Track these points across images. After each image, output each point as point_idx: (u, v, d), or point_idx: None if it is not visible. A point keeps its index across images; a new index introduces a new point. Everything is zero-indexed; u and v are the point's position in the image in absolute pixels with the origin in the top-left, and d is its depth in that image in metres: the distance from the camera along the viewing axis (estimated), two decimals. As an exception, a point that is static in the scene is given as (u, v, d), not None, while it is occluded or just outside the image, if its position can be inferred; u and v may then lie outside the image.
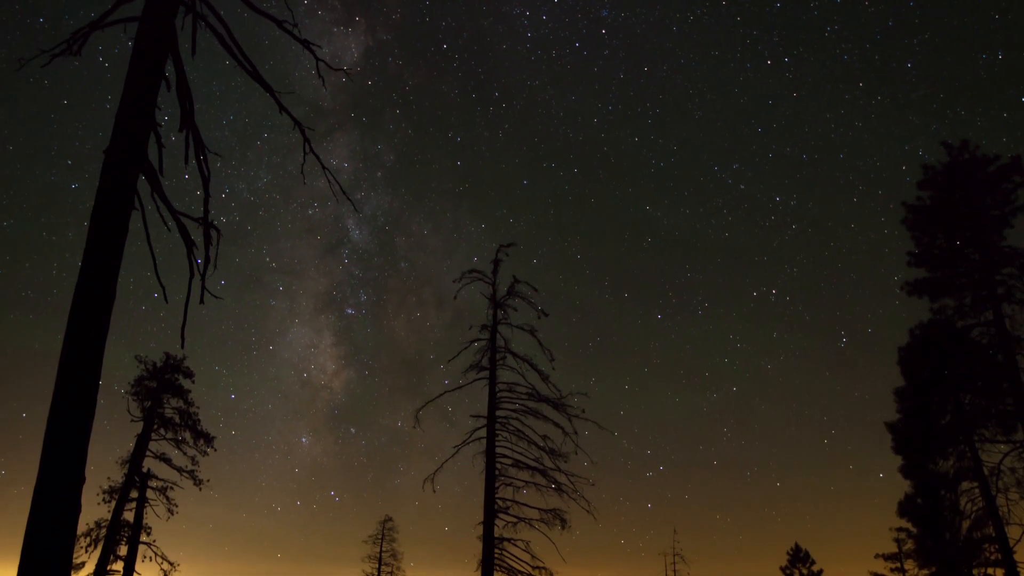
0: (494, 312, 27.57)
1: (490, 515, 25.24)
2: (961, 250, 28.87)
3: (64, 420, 7.91)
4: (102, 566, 31.19)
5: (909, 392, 28.09)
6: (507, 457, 26.19)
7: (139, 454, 33.63)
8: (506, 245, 28.05)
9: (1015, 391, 26.20)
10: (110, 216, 8.81)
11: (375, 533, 56.73)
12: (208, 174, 10.75)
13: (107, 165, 9.06)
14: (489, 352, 27.18)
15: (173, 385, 35.76)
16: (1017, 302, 27.49)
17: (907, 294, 29.52)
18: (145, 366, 35.65)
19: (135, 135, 9.27)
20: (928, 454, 27.17)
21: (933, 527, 26.80)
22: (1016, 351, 26.87)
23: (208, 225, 10.43)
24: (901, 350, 28.80)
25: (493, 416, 26.46)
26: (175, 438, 35.19)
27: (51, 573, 7.45)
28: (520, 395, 26.73)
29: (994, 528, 25.68)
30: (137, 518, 33.20)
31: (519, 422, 26.61)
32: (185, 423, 35.46)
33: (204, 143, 10.70)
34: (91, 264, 8.55)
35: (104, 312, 8.54)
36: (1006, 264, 28.02)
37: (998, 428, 26.79)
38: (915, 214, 30.03)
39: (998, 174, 28.93)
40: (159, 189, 9.91)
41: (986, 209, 28.84)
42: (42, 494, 7.63)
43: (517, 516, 25.61)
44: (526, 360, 26.77)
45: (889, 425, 28.20)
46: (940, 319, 28.67)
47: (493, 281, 27.89)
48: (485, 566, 24.72)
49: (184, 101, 10.45)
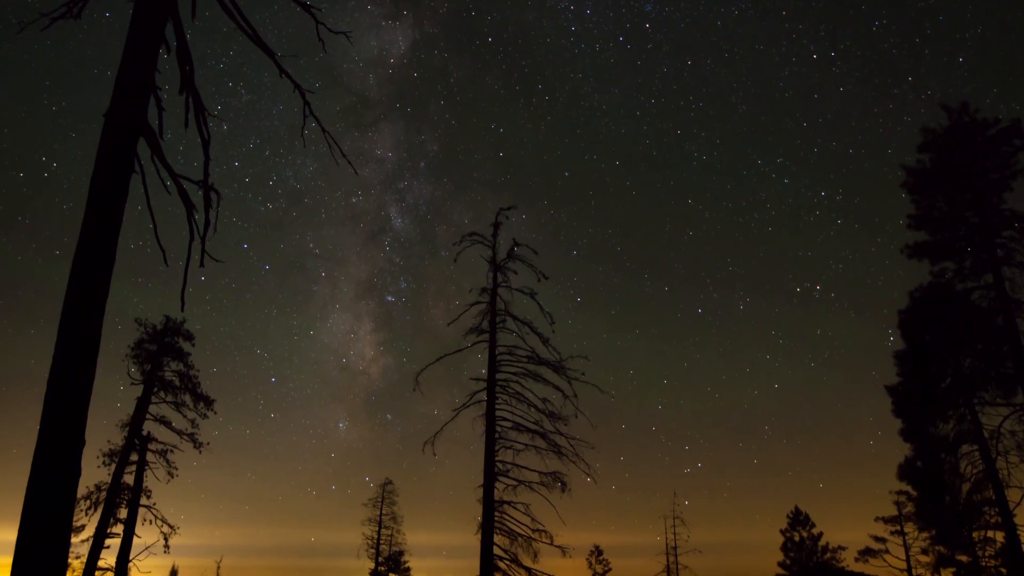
0: (494, 275, 26.88)
1: (490, 478, 24.74)
2: (961, 213, 28.17)
3: (64, 383, 7.75)
4: (102, 529, 30.77)
5: (909, 355, 27.59)
6: (507, 420, 25.64)
7: (139, 417, 33.16)
8: (506, 208, 27.35)
9: (1015, 354, 25.64)
10: (110, 178, 8.65)
11: (375, 496, 56.40)
12: (208, 137, 10.49)
13: (107, 127, 8.87)
14: (489, 315, 26.51)
15: (173, 348, 35.24)
16: (1017, 265, 26.83)
17: (907, 257, 28.90)
18: (145, 329, 35.06)
19: (135, 98, 9.07)
20: (928, 417, 26.70)
21: (933, 490, 26.42)
22: (1016, 314, 26.26)
23: (208, 188, 10.21)
24: (901, 313, 28.23)
25: (493, 379, 25.87)
26: (175, 401, 34.72)
27: (51, 535, 7.32)
28: (520, 358, 26.17)
29: (994, 491, 25.17)
30: (137, 481, 32.74)
31: (519, 385, 26.06)
32: (185, 386, 34.96)
33: (204, 106, 10.43)
34: (91, 226, 8.38)
35: (104, 274, 8.37)
36: (1006, 227, 27.35)
37: (998, 391, 26.23)
38: (915, 177, 29.41)
39: (998, 137, 28.29)
40: (159, 152, 9.66)
41: (986, 172, 28.22)
42: (42, 457, 7.50)
43: (517, 479, 25.10)
44: (526, 323, 26.17)
45: (889, 388, 27.71)
46: (940, 282, 28.04)
47: (493, 244, 27.17)
48: (485, 528, 24.20)
49: (184, 64, 10.22)
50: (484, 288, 26.88)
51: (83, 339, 8.01)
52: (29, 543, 7.27)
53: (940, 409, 26.62)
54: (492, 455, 24.94)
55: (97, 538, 30.49)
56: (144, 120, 9.27)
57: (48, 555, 7.30)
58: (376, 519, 55.52)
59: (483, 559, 23.97)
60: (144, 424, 33.47)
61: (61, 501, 7.47)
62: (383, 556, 55.11)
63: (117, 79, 9.13)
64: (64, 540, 7.56)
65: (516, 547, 24.50)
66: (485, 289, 26.86)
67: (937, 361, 27.21)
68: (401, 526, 56.24)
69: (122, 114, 8.91)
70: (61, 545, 7.49)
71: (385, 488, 56.48)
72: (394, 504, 56.27)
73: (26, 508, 7.31)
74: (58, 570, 7.38)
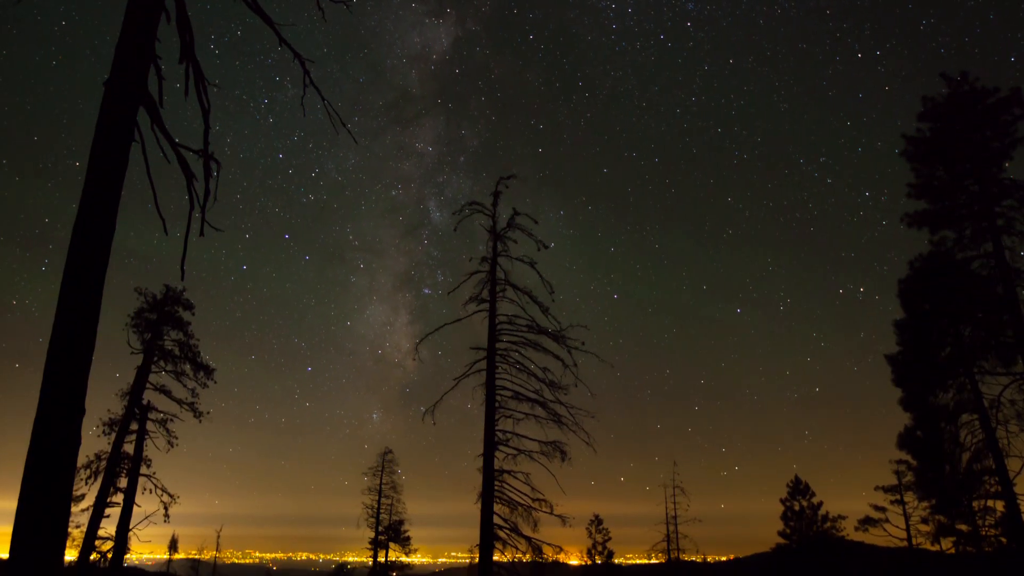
0: (494, 244, 26.27)
1: (490, 447, 24.25)
2: (961, 182, 27.68)
3: (64, 351, 7.63)
4: (102, 498, 30.34)
5: (909, 324, 27.23)
6: (507, 389, 25.09)
7: (139, 386, 32.70)
8: (506, 177, 26.69)
9: (1015, 323, 25.25)
10: (110, 147, 8.47)
11: (375, 465, 55.87)
12: (208, 106, 10.33)
13: (107, 96, 8.71)
14: (489, 284, 25.89)
15: (173, 317, 34.72)
16: (1017, 234, 26.50)
17: (907, 226, 28.49)
18: (145, 298, 34.50)
19: (135, 67, 8.92)
20: (928, 386, 26.28)
21: (933, 460, 26.08)
22: (1016, 283, 25.90)
23: (208, 157, 10.06)
24: (901, 282, 27.84)
25: (493, 348, 25.30)
26: (175, 370, 34.26)
27: (51, 505, 7.21)
28: (520, 327, 25.57)
29: (994, 460, 24.88)
30: (137, 450, 32.30)
31: (519, 354, 25.48)
32: (185, 355, 34.51)
33: (204, 75, 10.26)
34: (91, 195, 8.23)
35: (104, 243, 8.22)
36: (1006, 196, 26.94)
37: (998, 360, 25.89)
38: (915, 146, 29.03)
39: (998, 106, 27.94)
40: (159, 121, 9.52)
41: (986, 141, 27.79)
42: (42, 426, 7.36)
43: (517, 448, 24.57)
44: (526, 292, 25.56)
45: (889, 357, 27.28)
46: (940, 251, 27.64)
47: (493, 213, 26.55)
48: (485, 498, 23.74)
49: (184, 33, 10.02)
50: (484, 257, 26.30)
51: (83, 308, 7.86)
52: (29, 512, 7.15)
53: (940, 378, 26.29)
54: (492, 424, 24.45)
55: (97, 507, 30.05)
56: (144, 89, 9.12)
57: (48, 524, 7.19)
58: (376, 488, 55.05)
59: (483, 528, 23.53)
60: (144, 393, 32.98)
61: (61, 470, 7.35)
62: (383, 525, 54.69)
63: (117, 48, 8.98)
64: (64, 509, 7.43)
65: (516, 516, 24.05)
66: (485, 258, 26.29)
67: (937, 330, 26.88)
68: (401, 495, 55.83)
69: (122, 83, 8.74)
70: (61, 514, 7.37)
71: (384, 457, 56.00)
72: (393, 473, 55.83)
73: (26, 477, 7.22)
74: (58, 539, 7.26)
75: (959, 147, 27.77)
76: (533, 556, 23.95)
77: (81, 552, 29.53)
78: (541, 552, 23.94)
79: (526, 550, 23.79)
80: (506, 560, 23.65)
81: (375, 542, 54.12)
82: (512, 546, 23.70)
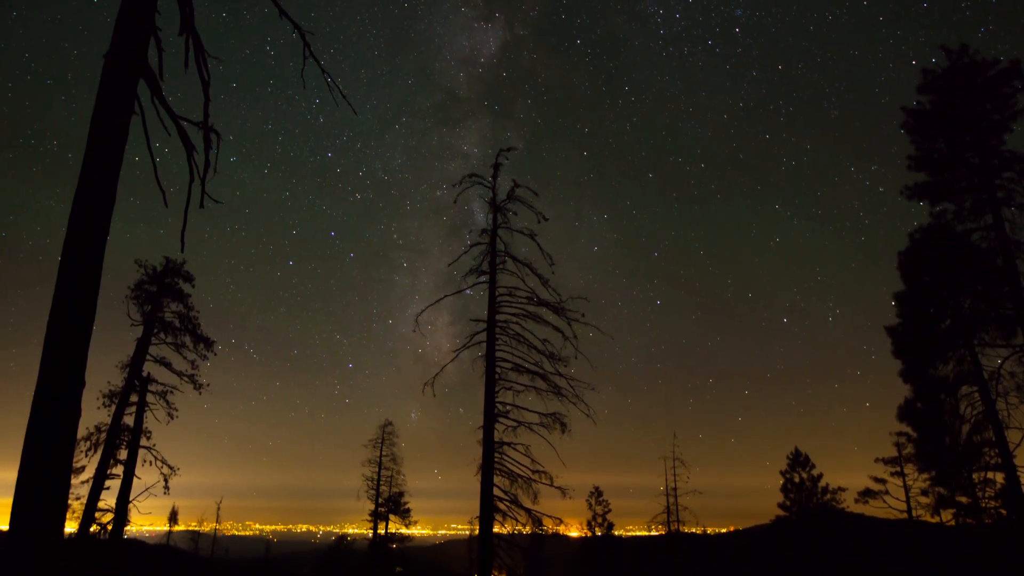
0: (494, 216, 25.62)
1: (490, 419, 23.73)
2: (961, 154, 27.09)
3: (64, 323, 7.54)
4: (102, 470, 29.94)
5: (909, 296, 26.68)
6: (507, 361, 24.54)
7: (139, 358, 32.19)
8: (506, 149, 26.01)
9: (1015, 295, 24.74)
10: (110, 120, 8.34)
11: (375, 437, 55.33)
12: (208, 78, 10.13)
13: (107, 69, 8.59)
14: (489, 256, 25.26)
15: (173, 289, 34.21)
16: (1017, 206, 25.94)
17: (907, 198, 27.86)
18: (145, 270, 33.93)
19: (135, 39, 8.80)
20: (928, 358, 25.81)
21: (933, 431, 25.59)
22: (1016, 255, 25.38)
23: (208, 129, 9.87)
24: (901, 255, 27.24)
25: (493, 320, 24.73)
26: (175, 342, 33.77)
27: (51, 476, 7.14)
28: (520, 299, 24.99)
29: (994, 432, 24.43)
30: (137, 422, 31.79)
31: (519, 326, 24.94)
32: (185, 327, 33.99)
33: (204, 47, 10.03)
34: (91, 167, 8.11)
35: (104, 215, 8.11)
36: (1006, 168, 26.36)
37: (998, 332, 25.38)
38: (915, 118, 28.45)
39: (998, 78, 27.36)
40: (159, 93, 9.38)
41: (986, 113, 27.23)
42: (42, 397, 7.26)
43: (517, 420, 24.05)
44: (526, 264, 24.94)
45: (889, 329, 26.74)
46: (940, 223, 27.04)
47: (493, 185, 25.87)
48: (485, 470, 23.23)
49: (184, 6, 9.81)
50: (484, 229, 25.69)
51: (83, 279, 7.76)
52: (29, 483, 7.09)
53: (940, 350, 25.79)
54: (492, 396, 23.94)
55: (97, 479, 29.68)
56: (144, 61, 8.99)
57: (48, 495, 7.12)
58: (376, 460, 54.52)
59: (483, 500, 23.08)
60: (144, 365, 32.38)
61: (61, 441, 7.29)
62: (383, 497, 54.19)
63: (117, 20, 8.84)
64: (64, 480, 7.34)
65: (516, 488, 23.61)
66: (485, 230, 25.70)
67: (937, 302, 26.41)
68: (401, 467, 55.31)
69: (122, 55, 8.62)
70: (61, 485, 7.28)
71: (384, 429, 55.49)
72: (394, 445, 55.31)
73: (26, 448, 7.16)
74: (58, 510, 7.18)
75: (959, 119, 27.21)
76: (533, 528, 23.53)
77: (81, 524, 29.16)
78: (541, 524, 23.51)
79: (526, 522, 23.36)
80: (506, 532, 23.26)
81: (375, 514, 53.68)
82: (512, 518, 23.28)
